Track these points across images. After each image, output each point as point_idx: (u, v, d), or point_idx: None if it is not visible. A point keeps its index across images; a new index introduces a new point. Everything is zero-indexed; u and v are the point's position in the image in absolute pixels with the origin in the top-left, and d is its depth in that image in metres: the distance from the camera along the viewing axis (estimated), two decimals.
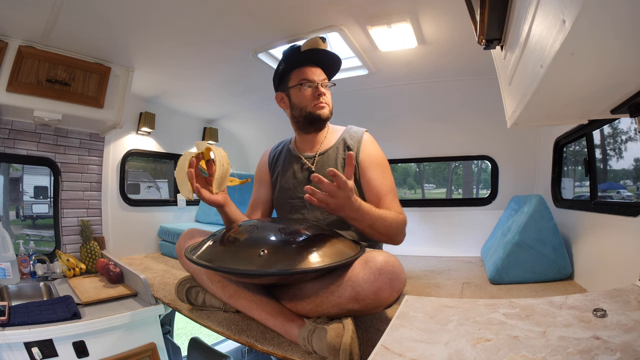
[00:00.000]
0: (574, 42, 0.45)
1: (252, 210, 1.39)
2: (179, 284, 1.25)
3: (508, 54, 0.83)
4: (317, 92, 1.22)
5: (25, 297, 1.62)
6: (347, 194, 0.93)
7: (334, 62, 1.28)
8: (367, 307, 0.91)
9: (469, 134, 2.34)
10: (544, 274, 1.43)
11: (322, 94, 1.22)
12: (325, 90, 1.24)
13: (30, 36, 1.57)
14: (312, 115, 1.23)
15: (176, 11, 1.43)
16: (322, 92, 1.23)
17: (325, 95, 1.24)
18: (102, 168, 2.25)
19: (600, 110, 0.75)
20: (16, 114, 1.81)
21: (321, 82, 1.24)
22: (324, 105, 1.23)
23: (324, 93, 1.23)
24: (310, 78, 1.23)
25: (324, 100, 1.23)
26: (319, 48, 1.23)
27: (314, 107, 1.23)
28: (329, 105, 1.25)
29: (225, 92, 2.45)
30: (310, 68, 1.24)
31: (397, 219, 1.11)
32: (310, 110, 1.23)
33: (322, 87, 1.24)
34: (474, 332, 0.59)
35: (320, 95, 1.22)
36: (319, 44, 1.23)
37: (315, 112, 1.23)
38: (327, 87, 1.26)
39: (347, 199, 0.94)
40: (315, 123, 1.25)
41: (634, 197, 1.80)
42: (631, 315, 0.58)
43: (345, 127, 1.31)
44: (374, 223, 1.05)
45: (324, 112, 1.23)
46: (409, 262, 1.97)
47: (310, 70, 1.24)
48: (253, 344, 1.00)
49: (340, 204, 0.95)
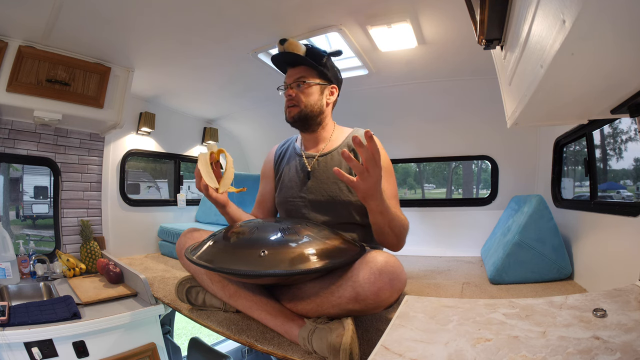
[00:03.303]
0: (574, 42, 0.44)
1: (257, 207, 1.40)
2: (179, 284, 1.25)
3: (508, 54, 0.83)
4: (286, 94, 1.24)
5: (25, 297, 1.62)
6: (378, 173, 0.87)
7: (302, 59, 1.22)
8: (367, 308, 0.91)
9: (469, 134, 2.34)
10: (544, 274, 1.43)
11: (289, 95, 1.22)
12: (295, 91, 1.22)
13: (30, 36, 1.57)
14: (285, 117, 1.26)
15: (176, 11, 1.43)
16: (289, 94, 1.22)
17: (295, 96, 1.22)
18: (102, 168, 2.25)
19: (600, 110, 0.75)
20: (16, 114, 1.81)
21: (292, 83, 1.23)
22: (290, 109, 1.23)
23: (290, 94, 1.22)
24: (285, 81, 1.26)
25: (293, 102, 1.22)
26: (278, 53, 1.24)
27: (285, 110, 1.25)
28: (300, 105, 1.22)
29: (225, 92, 2.45)
30: (289, 70, 1.26)
31: (406, 223, 1.12)
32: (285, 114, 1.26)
33: (292, 88, 1.23)
34: (474, 332, 0.59)
35: (287, 97, 1.23)
36: (279, 47, 1.24)
37: (286, 115, 1.25)
38: (300, 86, 1.23)
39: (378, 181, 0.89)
40: (293, 125, 1.26)
41: (634, 197, 1.80)
42: (631, 315, 0.58)
43: (352, 128, 1.31)
44: (393, 220, 1.04)
45: (290, 115, 1.24)
46: (409, 262, 1.97)
47: (288, 72, 1.26)
48: (253, 344, 1.00)
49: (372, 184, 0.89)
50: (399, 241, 1.12)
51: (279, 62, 1.28)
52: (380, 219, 1.02)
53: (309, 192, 1.23)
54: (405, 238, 1.14)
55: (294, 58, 1.23)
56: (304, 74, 1.23)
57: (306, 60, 1.21)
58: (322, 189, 1.22)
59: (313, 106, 1.23)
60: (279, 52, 1.24)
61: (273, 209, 1.39)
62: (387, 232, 1.06)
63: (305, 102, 1.22)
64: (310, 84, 1.22)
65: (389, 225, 1.04)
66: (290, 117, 1.24)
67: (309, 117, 1.23)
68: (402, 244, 1.14)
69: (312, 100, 1.23)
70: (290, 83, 1.23)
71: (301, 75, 1.23)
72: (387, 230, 1.06)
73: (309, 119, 1.24)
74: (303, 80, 1.22)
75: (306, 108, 1.22)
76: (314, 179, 1.23)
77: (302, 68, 1.23)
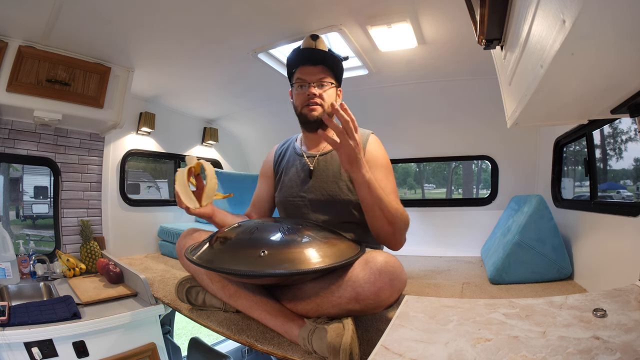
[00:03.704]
0: (574, 42, 0.45)
1: (253, 207, 1.39)
2: (179, 284, 1.25)
3: (508, 54, 0.83)
4: (308, 92, 1.19)
5: (25, 297, 1.61)
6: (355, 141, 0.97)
7: (329, 59, 1.22)
8: (367, 308, 0.91)
9: (469, 134, 2.34)
10: (544, 274, 1.43)
11: (313, 94, 1.19)
12: (318, 90, 1.20)
13: (30, 36, 1.57)
14: (303, 117, 1.22)
15: (176, 11, 1.43)
16: (314, 93, 1.18)
17: (318, 96, 1.19)
18: (102, 168, 2.25)
19: (600, 110, 0.75)
20: (16, 114, 1.81)
21: (315, 82, 1.20)
22: (314, 108, 1.19)
23: (315, 93, 1.19)
24: (303, 77, 1.21)
25: (317, 101, 1.19)
26: (309, 47, 1.22)
27: (305, 108, 1.20)
28: (323, 106, 1.20)
29: (225, 92, 2.45)
30: (307, 67, 1.22)
31: (402, 211, 1.08)
32: (301, 111, 1.22)
33: (316, 87, 1.19)
34: (474, 332, 0.59)
35: (311, 95, 1.19)
36: (309, 42, 1.22)
37: (306, 113, 1.21)
38: (323, 86, 1.20)
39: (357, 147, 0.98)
40: (308, 124, 1.22)
41: (634, 197, 1.80)
42: (631, 315, 0.58)
43: None
44: (382, 200, 1.02)
45: (313, 115, 1.19)
46: (409, 262, 1.97)
47: (307, 69, 1.21)
48: (253, 344, 1.00)
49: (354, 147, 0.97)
50: (394, 230, 1.07)
51: (301, 57, 1.24)
52: (368, 193, 1.01)
53: (309, 192, 1.23)
54: (405, 232, 1.10)
55: (327, 58, 1.22)
56: (326, 74, 1.21)
57: (335, 61, 1.23)
58: (322, 188, 1.22)
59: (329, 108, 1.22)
60: (312, 48, 1.22)
61: (268, 209, 1.38)
62: (378, 216, 1.04)
63: (326, 102, 1.20)
64: (331, 85, 1.23)
65: (379, 206, 1.02)
66: (312, 117, 1.19)
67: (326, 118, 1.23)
68: (399, 237, 1.10)
69: (330, 101, 1.21)
70: (314, 81, 1.20)
71: (324, 75, 1.21)
72: (378, 213, 1.03)
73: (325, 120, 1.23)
74: (327, 81, 1.21)
75: (327, 109, 1.21)
76: (315, 178, 1.23)
77: (323, 67, 1.21)
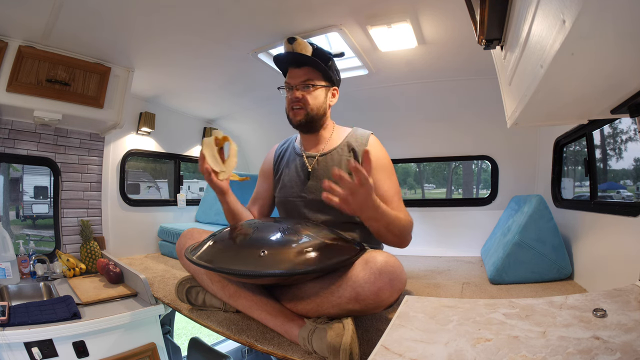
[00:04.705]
0: (574, 42, 0.44)
1: (252, 204, 1.39)
2: (179, 284, 1.25)
3: (508, 54, 0.83)
4: (291, 96, 1.20)
5: (25, 297, 1.61)
6: (369, 190, 0.89)
7: (311, 60, 1.19)
8: (367, 307, 0.91)
9: (469, 134, 2.34)
10: (544, 274, 1.43)
11: (296, 98, 1.19)
12: (301, 93, 1.19)
13: (30, 36, 1.57)
14: (289, 120, 1.24)
15: (176, 11, 1.43)
16: (296, 96, 1.19)
17: (302, 98, 1.19)
18: (102, 168, 2.25)
19: (600, 110, 0.75)
20: (16, 114, 1.81)
21: (299, 84, 1.19)
22: (297, 112, 1.20)
23: (297, 96, 1.19)
24: (288, 81, 1.22)
25: (300, 104, 1.19)
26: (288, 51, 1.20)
27: (291, 112, 1.22)
28: (307, 108, 1.19)
29: (225, 92, 2.45)
30: (293, 70, 1.22)
31: (408, 221, 1.11)
32: (287, 114, 1.24)
33: (299, 90, 1.19)
34: (474, 332, 0.59)
35: (294, 100, 1.19)
36: (287, 45, 1.20)
37: (291, 117, 1.23)
38: (308, 88, 1.20)
39: (369, 196, 0.90)
40: (296, 127, 1.24)
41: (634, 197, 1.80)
42: (631, 315, 0.58)
43: (351, 128, 1.30)
44: (391, 223, 1.03)
45: (296, 119, 1.20)
46: (409, 262, 1.97)
47: (292, 72, 1.22)
48: (253, 344, 1.00)
49: (361, 202, 0.90)
50: (400, 240, 1.11)
51: (284, 61, 1.24)
52: (375, 224, 1.03)
53: (309, 192, 1.23)
54: (409, 236, 1.13)
55: (304, 59, 1.19)
56: (311, 76, 1.20)
57: (316, 62, 1.18)
58: (322, 188, 1.22)
59: (319, 109, 1.22)
60: (287, 52, 1.20)
61: (267, 208, 1.39)
62: (384, 234, 1.07)
63: (311, 104, 1.20)
64: (317, 87, 1.21)
65: (385, 227, 1.04)
66: (296, 121, 1.21)
67: (314, 120, 1.22)
68: (405, 242, 1.13)
69: (318, 102, 1.21)
70: (297, 84, 1.20)
71: (308, 77, 1.20)
72: (383, 233, 1.06)
73: (314, 122, 1.22)
74: (310, 83, 1.20)
75: (312, 111, 1.20)
76: (314, 178, 1.23)
77: (308, 69, 1.20)
